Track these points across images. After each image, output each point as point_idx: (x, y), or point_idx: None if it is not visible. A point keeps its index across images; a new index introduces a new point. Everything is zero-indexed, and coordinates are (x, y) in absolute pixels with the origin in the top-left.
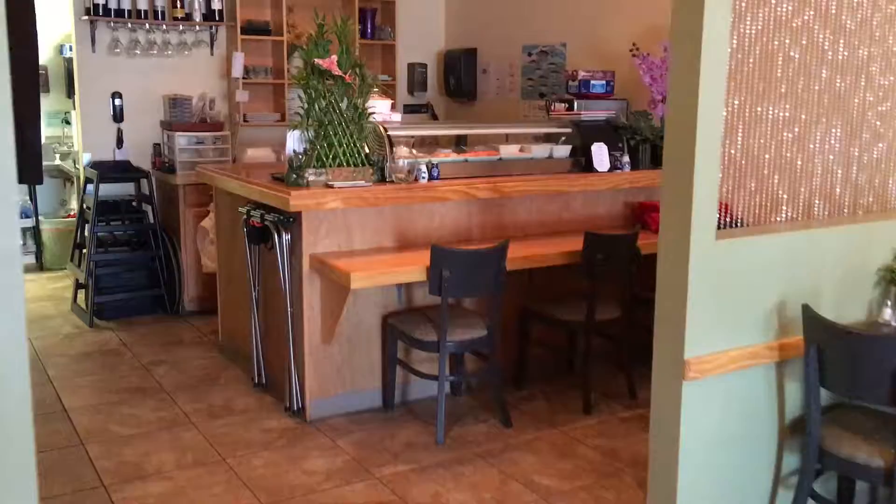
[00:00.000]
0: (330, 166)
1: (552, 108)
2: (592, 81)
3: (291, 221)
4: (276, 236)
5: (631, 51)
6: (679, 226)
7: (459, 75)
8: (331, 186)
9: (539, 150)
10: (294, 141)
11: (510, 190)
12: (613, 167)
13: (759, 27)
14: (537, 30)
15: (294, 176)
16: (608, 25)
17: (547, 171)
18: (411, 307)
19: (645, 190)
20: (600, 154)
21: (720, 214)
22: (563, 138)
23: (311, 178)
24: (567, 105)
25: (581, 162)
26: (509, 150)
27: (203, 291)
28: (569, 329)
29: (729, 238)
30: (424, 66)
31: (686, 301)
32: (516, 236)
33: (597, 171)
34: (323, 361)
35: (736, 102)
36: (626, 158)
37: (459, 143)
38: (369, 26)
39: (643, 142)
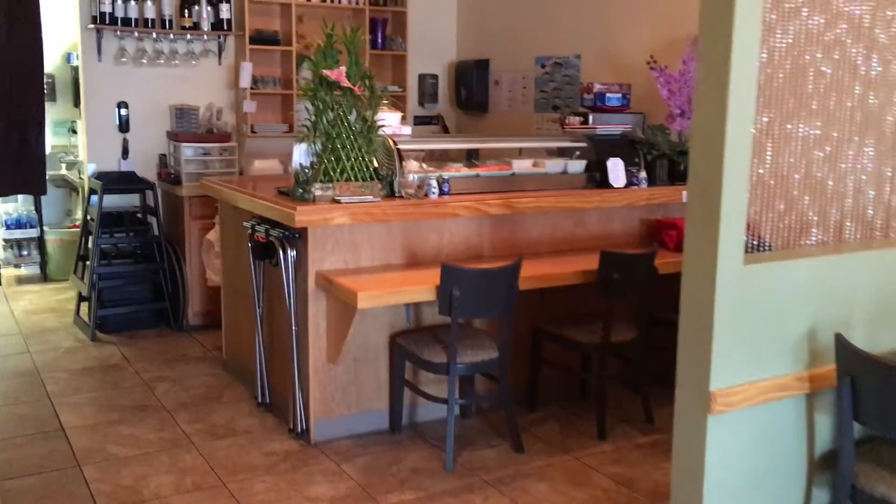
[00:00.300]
0: (337, 181)
1: (566, 121)
2: (608, 94)
3: (297, 237)
4: (280, 252)
5: (648, 63)
6: (705, 249)
7: (471, 87)
8: (338, 201)
9: (553, 165)
10: (300, 154)
11: (523, 206)
12: (629, 183)
13: (790, 41)
14: (551, 41)
15: (300, 190)
16: (624, 37)
17: (561, 186)
18: (420, 326)
19: (662, 207)
20: (616, 169)
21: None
22: (578, 153)
23: (318, 192)
24: (582, 118)
25: (596, 177)
26: (522, 165)
27: (208, 305)
28: (583, 350)
29: (758, 262)
30: (435, 77)
31: (712, 330)
32: (529, 253)
33: (612, 187)
34: (328, 382)
35: (765, 119)
36: (643, 174)
37: (471, 157)
38: (380, 36)
39: (660, 157)
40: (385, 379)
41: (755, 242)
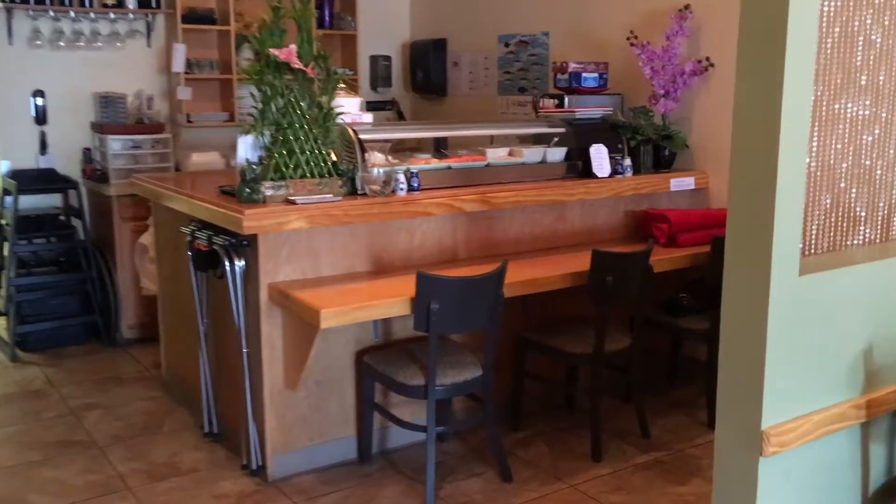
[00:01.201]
0: (291, 178)
1: (540, 104)
2: (584, 74)
3: (245, 245)
4: (226, 262)
5: (628, 39)
6: (754, 258)
7: (428, 69)
8: (292, 202)
9: (531, 154)
10: (246, 148)
11: (501, 201)
12: (613, 172)
13: (840, 2)
14: (515, 17)
15: (247, 190)
16: (597, 11)
17: (539, 177)
18: (390, 341)
19: (648, 197)
20: (600, 157)
21: None
22: (556, 139)
23: (269, 192)
24: (557, 101)
25: (577, 166)
26: (497, 155)
27: (144, 317)
28: (573, 362)
29: (815, 271)
30: (389, 58)
31: (764, 356)
32: (508, 254)
33: (596, 177)
34: (287, 409)
35: (811, 97)
36: (628, 161)
37: (439, 146)
38: (327, 14)
39: (645, 142)
40: (351, 402)
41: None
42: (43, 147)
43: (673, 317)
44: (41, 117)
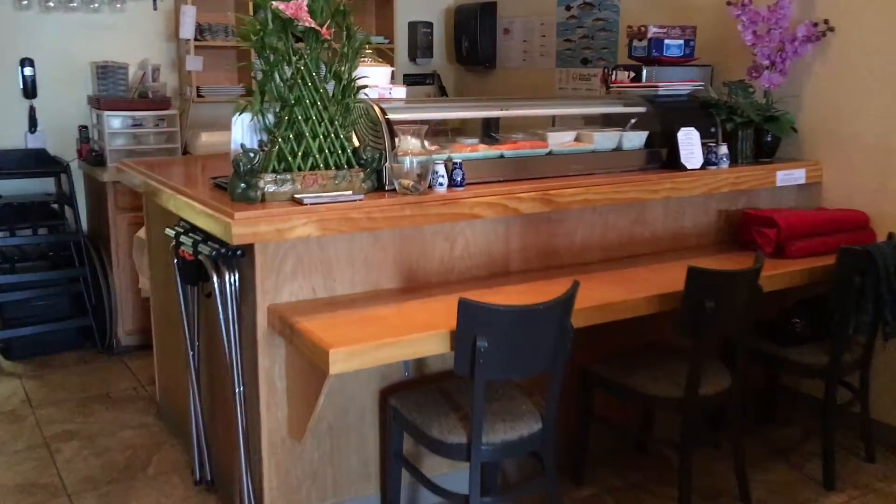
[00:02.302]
0: (299, 169)
1: (613, 78)
2: (667, 41)
3: (239, 255)
4: (215, 277)
5: None
6: None
7: (474, 37)
8: (300, 202)
9: (604, 140)
10: (243, 130)
11: (567, 200)
12: (706, 162)
13: None
14: None
15: (242, 185)
16: None
17: (613, 167)
18: (423, 375)
19: (745, 194)
20: (690, 143)
21: None
22: (633, 121)
23: (270, 188)
24: (632, 74)
25: (660, 155)
26: (561, 141)
27: (143, 321)
28: (657, 406)
29: None
30: (430, 25)
31: None
32: (572, 266)
33: (685, 168)
34: (291, 464)
35: None
36: (724, 149)
37: (488, 129)
38: None
39: (744, 125)
40: (374, 452)
41: None
42: (32, 124)
43: (779, 346)
44: (30, 90)
